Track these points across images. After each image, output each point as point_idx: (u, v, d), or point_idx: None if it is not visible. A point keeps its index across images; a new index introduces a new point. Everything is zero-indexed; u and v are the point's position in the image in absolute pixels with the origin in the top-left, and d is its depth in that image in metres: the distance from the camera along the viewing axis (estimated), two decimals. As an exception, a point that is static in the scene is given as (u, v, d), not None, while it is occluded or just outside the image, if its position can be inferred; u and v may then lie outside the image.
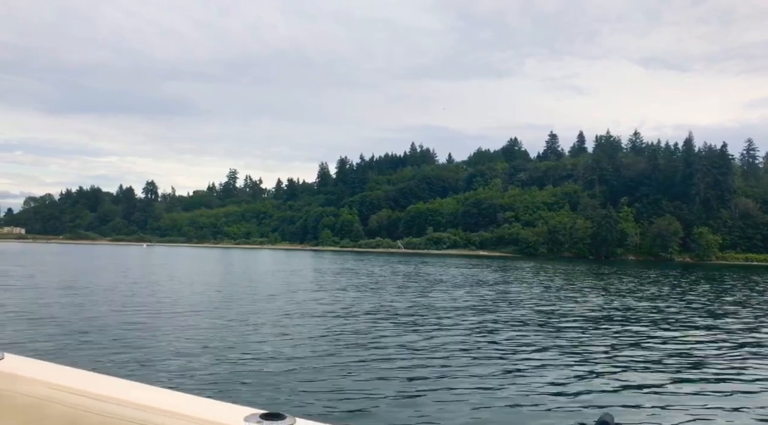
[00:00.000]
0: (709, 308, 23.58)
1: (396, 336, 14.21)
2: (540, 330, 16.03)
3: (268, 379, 9.36)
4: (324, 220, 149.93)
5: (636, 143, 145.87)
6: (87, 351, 11.31)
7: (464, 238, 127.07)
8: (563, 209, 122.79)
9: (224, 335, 13.63)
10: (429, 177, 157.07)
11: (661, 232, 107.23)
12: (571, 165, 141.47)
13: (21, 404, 1.57)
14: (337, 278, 35.72)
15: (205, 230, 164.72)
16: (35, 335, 12.82)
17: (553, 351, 12.74)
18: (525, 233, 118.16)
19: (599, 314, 20.16)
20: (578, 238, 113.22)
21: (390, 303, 21.69)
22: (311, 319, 16.71)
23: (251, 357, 11.10)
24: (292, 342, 12.81)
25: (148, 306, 18.80)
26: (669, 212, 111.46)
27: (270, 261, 64.81)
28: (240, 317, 16.81)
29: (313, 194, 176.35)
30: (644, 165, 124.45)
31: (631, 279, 43.02)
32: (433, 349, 12.48)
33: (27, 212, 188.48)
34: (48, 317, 15.66)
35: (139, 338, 12.88)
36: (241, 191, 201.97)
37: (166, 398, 1.50)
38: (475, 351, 12.43)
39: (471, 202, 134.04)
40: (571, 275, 46.53)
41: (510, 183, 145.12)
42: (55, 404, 1.52)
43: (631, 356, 12.57)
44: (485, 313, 19.52)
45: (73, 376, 1.65)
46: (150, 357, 10.75)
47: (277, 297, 23.08)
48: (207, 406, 1.45)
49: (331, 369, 10.26)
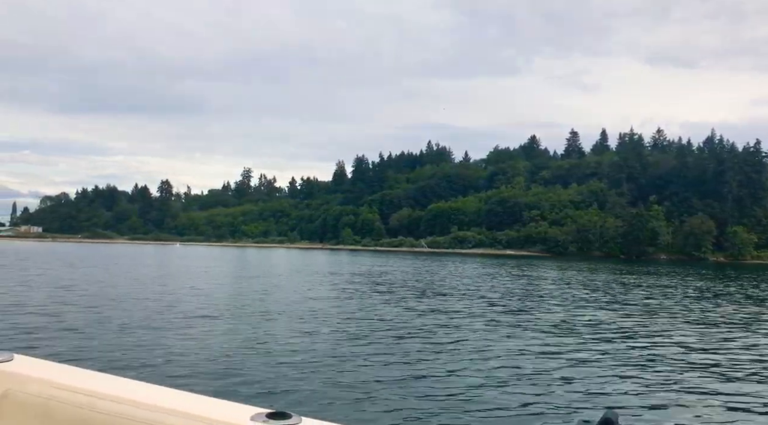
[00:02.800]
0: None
1: (411, 337, 14.09)
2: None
3: (274, 379, 9.42)
4: (344, 219, 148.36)
5: (658, 141, 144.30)
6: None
7: (490, 237, 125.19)
8: (591, 207, 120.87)
9: (245, 335, 13.65)
10: (449, 175, 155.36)
11: (694, 231, 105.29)
12: (595, 163, 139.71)
13: (30, 404, 1.58)
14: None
15: (224, 229, 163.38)
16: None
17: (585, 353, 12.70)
18: (553, 232, 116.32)
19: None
20: (609, 237, 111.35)
21: (407, 305, 21.31)
22: (324, 320, 16.67)
23: (260, 356, 11.17)
24: (301, 342, 12.86)
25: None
26: (701, 210, 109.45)
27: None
28: (255, 318, 16.82)
29: (329, 193, 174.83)
30: (673, 163, 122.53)
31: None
32: (448, 351, 12.41)
33: (43, 210, 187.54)
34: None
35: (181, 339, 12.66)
36: (256, 190, 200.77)
37: (172, 397, 1.51)
38: (486, 350, 12.44)
39: (495, 200, 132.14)
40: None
41: (532, 182, 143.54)
42: (63, 404, 1.53)
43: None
44: (517, 314, 19.67)
45: (81, 376, 1.66)
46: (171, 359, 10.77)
47: (297, 296, 23.24)
48: (213, 406, 1.46)
49: (337, 368, 10.34)
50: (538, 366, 11.07)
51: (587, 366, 11.22)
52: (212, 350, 11.70)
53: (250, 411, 1.41)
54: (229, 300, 21.50)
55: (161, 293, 23.08)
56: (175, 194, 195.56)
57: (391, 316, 18.06)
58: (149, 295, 22.29)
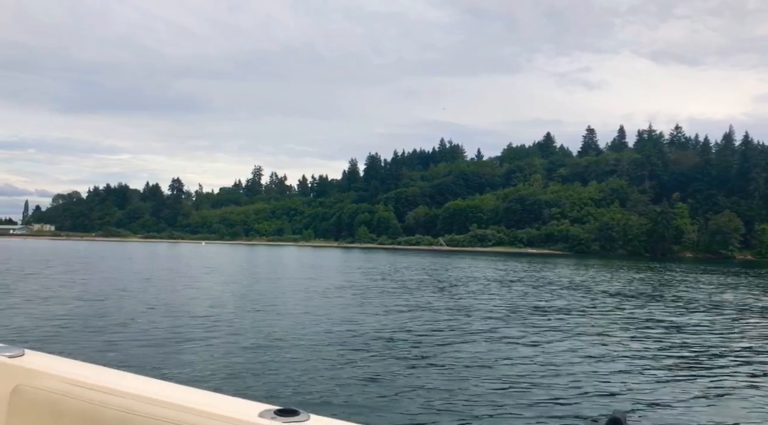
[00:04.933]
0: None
1: (422, 336, 13.86)
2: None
3: (283, 376, 9.42)
4: (359, 217, 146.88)
5: (675, 138, 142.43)
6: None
7: (510, 235, 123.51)
8: (612, 205, 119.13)
9: (259, 331, 13.62)
10: (465, 173, 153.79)
11: (721, 228, 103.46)
12: (613, 160, 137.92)
13: (41, 399, 1.59)
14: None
15: (237, 227, 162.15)
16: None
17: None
18: (575, 231, 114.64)
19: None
20: (633, 235, 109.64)
21: (426, 303, 20.93)
22: (333, 318, 16.50)
23: (268, 353, 11.15)
24: (310, 340, 12.79)
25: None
26: (727, 208, 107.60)
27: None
28: (266, 315, 16.69)
29: (342, 191, 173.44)
30: (695, 160, 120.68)
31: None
32: (458, 349, 12.22)
33: (56, 209, 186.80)
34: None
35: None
36: (267, 188, 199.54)
37: (182, 394, 1.52)
38: (499, 349, 12.35)
39: (514, 198, 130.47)
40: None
41: (550, 179, 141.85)
42: (74, 399, 1.54)
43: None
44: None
45: (92, 372, 1.68)
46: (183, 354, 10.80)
47: (310, 294, 23.06)
48: (222, 402, 1.47)
49: (346, 366, 10.31)
50: (551, 364, 10.99)
51: (599, 366, 11.10)
52: (225, 347, 11.68)
53: (259, 408, 1.42)
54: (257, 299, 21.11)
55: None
56: (185, 191, 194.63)
57: (404, 314, 17.76)
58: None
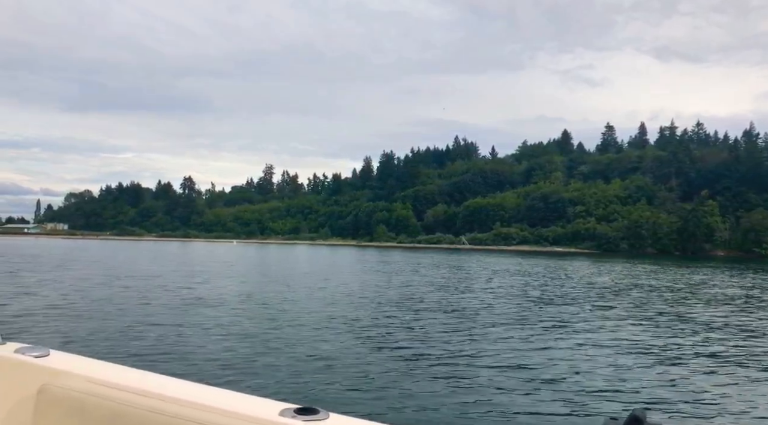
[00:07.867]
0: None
1: (445, 334, 13.68)
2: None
3: (303, 375, 9.37)
4: (377, 215, 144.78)
5: (696, 135, 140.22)
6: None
7: (534, 233, 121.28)
8: (639, 203, 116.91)
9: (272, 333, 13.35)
10: (484, 171, 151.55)
11: (755, 226, 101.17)
12: (636, 158, 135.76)
13: (66, 399, 1.61)
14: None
15: (252, 225, 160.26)
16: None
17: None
18: (603, 229, 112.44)
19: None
20: (662, 233, 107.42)
21: (455, 302, 20.55)
22: (352, 317, 16.22)
23: (288, 352, 11.08)
24: (330, 338, 12.70)
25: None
26: (759, 205, 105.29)
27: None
28: (284, 314, 16.41)
29: (356, 189, 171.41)
30: (723, 156, 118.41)
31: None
32: (476, 349, 12.00)
33: (68, 208, 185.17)
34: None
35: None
36: (279, 187, 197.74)
37: (203, 393, 1.55)
38: (517, 348, 12.20)
39: (537, 196, 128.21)
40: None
41: (570, 177, 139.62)
42: (98, 399, 1.57)
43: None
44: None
45: (116, 372, 1.71)
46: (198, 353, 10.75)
47: (330, 292, 22.78)
48: (242, 401, 1.49)
49: (365, 365, 10.21)
50: (567, 363, 10.90)
51: (619, 362, 11.00)
52: (243, 347, 11.63)
53: (279, 406, 1.43)
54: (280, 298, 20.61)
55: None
56: (197, 190, 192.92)
57: (423, 313, 17.46)
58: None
